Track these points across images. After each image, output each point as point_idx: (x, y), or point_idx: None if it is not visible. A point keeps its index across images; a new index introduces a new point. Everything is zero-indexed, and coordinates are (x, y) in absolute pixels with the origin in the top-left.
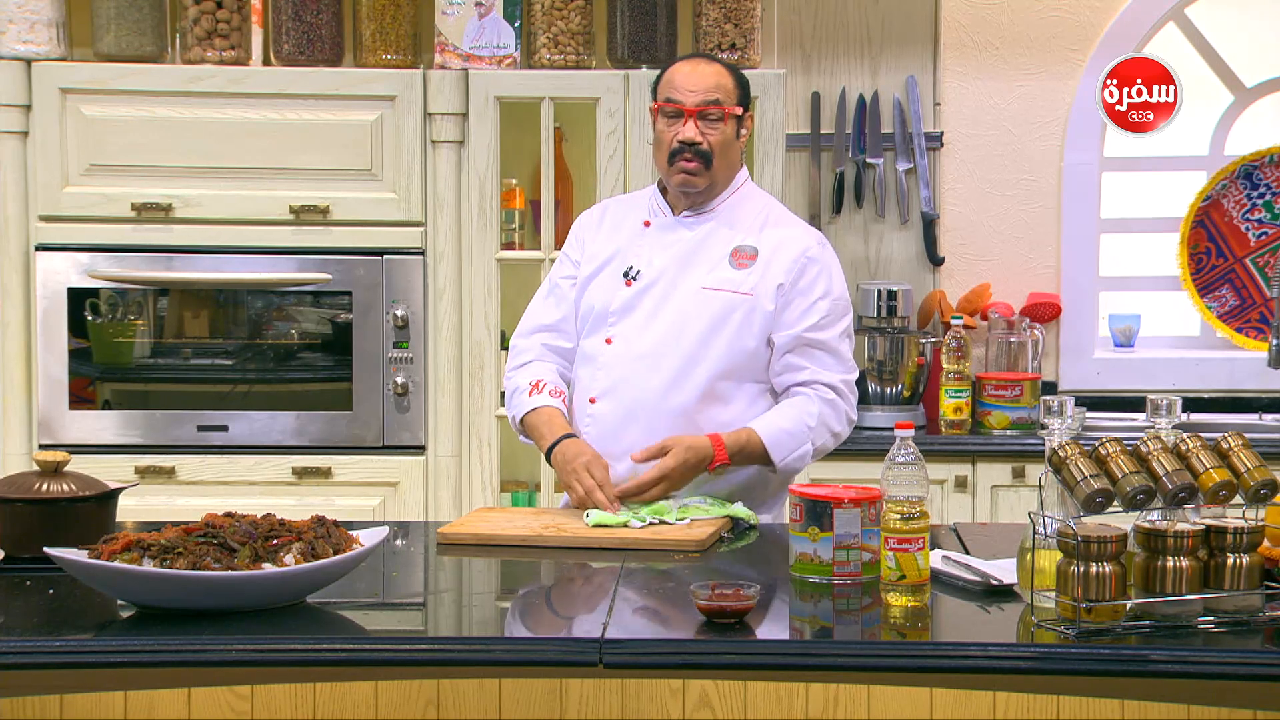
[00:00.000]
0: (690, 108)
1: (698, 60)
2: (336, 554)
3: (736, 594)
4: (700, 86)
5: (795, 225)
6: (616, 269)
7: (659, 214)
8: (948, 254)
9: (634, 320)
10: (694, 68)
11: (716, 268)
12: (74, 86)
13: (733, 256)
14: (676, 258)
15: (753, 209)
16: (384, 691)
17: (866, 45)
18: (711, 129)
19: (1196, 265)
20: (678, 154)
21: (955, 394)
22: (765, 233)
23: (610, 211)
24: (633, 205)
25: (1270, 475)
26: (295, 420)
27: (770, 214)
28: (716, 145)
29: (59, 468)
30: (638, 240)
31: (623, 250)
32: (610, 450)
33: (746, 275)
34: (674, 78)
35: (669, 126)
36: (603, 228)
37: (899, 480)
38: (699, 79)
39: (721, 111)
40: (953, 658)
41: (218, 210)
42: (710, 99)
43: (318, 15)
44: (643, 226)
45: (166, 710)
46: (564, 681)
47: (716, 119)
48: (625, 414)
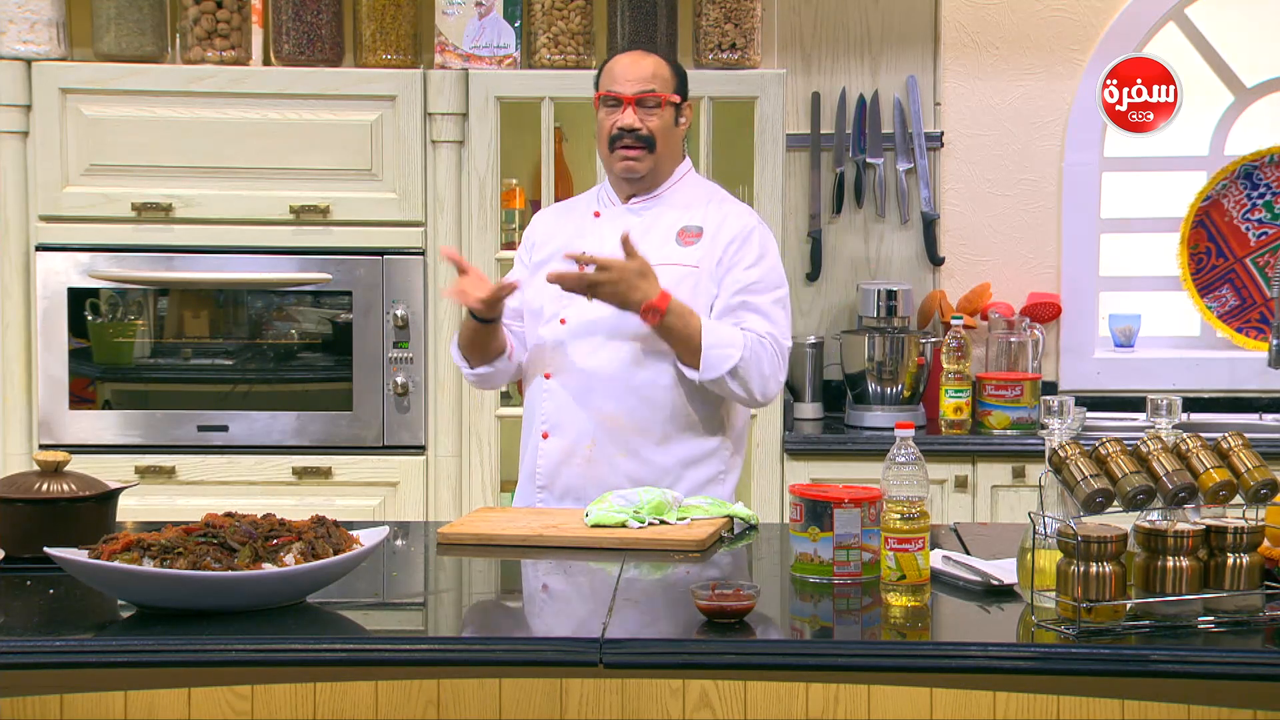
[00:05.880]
0: (629, 96)
1: (636, 52)
2: (336, 554)
3: (736, 594)
4: (637, 76)
5: (737, 205)
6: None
7: (608, 204)
8: (948, 254)
9: (585, 300)
10: (632, 59)
11: (664, 246)
12: (74, 86)
13: (679, 236)
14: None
15: (697, 194)
16: (384, 691)
17: (866, 45)
18: (650, 115)
19: (1196, 265)
20: (617, 140)
21: (955, 394)
22: (710, 212)
23: (557, 212)
24: (579, 203)
25: (1270, 475)
26: (295, 420)
27: (713, 199)
28: (657, 130)
29: (59, 468)
30: (588, 228)
31: (573, 238)
32: (567, 421)
33: (692, 251)
34: (613, 69)
35: (609, 115)
36: (549, 227)
37: (899, 480)
38: (636, 69)
39: (659, 99)
40: (953, 658)
41: (218, 210)
42: (647, 88)
43: (318, 15)
44: (593, 217)
45: (166, 710)
46: (564, 681)
47: (654, 106)
48: (580, 388)
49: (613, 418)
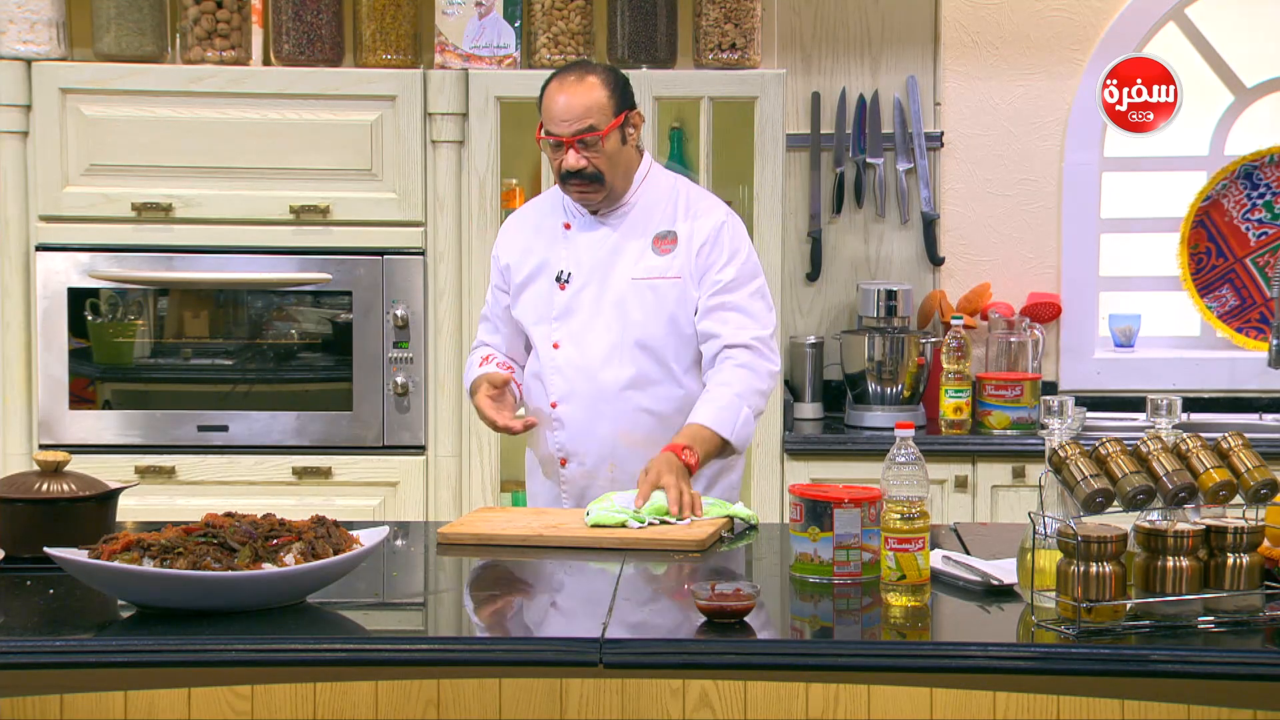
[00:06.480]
0: (568, 138)
1: (566, 81)
2: (336, 554)
3: (736, 594)
4: (572, 115)
5: (706, 201)
6: (548, 276)
7: (576, 215)
8: (948, 254)
9: (576, 321)
10: (565, 96)
11: (642, 257)
12: (74, 86)
13: (655, 244)
14: (602, 254)
15: (664, 192)
16: (384, 691)
17: (866, 45)
18: (594, 153)
19: (1196, 265)
20: (566, 180)
21: (955, 394)
22: (681, 215)
23: (522, 221)
24: (545, 210)
25: (1270, 475)
26: (295, 420)
27: (680, 194)
28: (603, 165)
29: (59, 468)
30: (561, 244)
31: (548, 256)
32: (584, 449)
33: (671, 260)
34: (548, 106)
35: (554, 153)
36: (518, 238)
37: (899, 480)
38: (570, 108)
39: (598, 136)
40: (953, 658)
41: (218, 210)
42: (583, 127)
43: (318, 15)
44: (563, 229)
45: (166, 710)
46: (564, 681)
47: (594, 144)
48: (590, 412)
49: (628, 435)
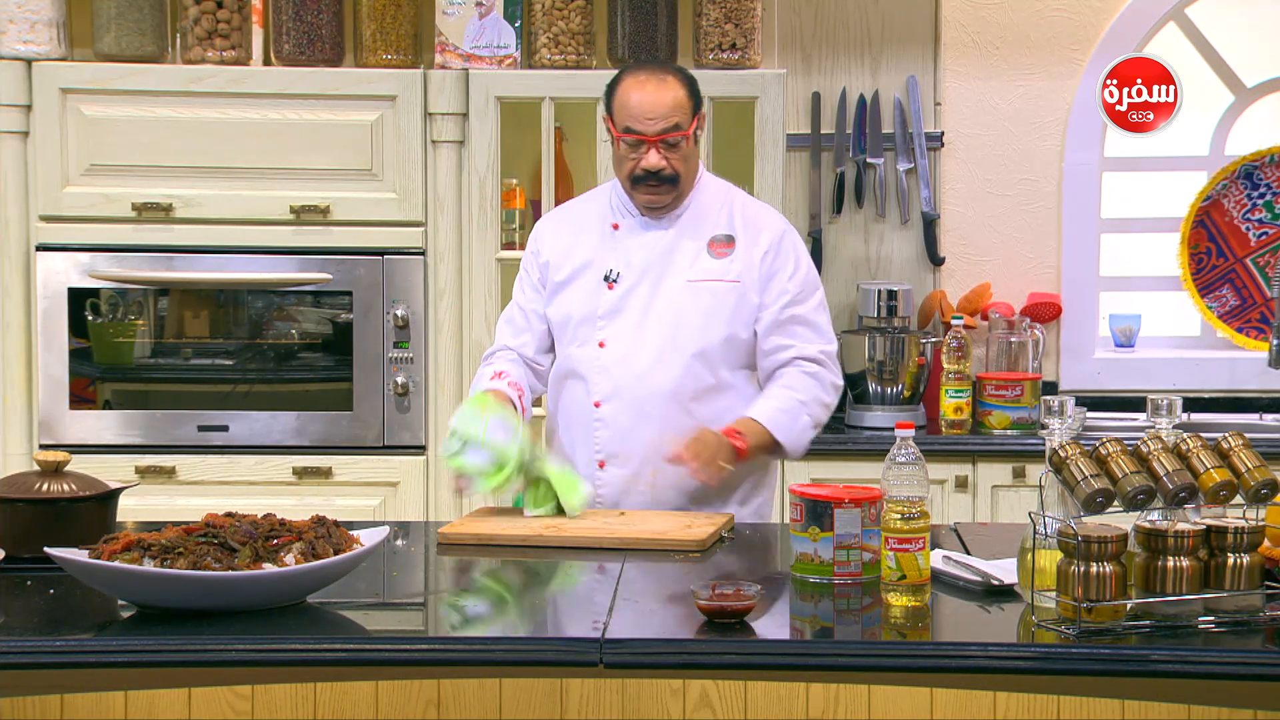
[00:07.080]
0: (652, 137)
1: (648, 79)
2: (337, 554)
3: (736, 594)
4: (659, 113)
5: (762, 209)
6: (594, 274)
7: (626, 215)
8: (948, 254)
9: (625, 321)
10: (650, 94)
11: (697, 260)
12: (74, 86)
13: (710, 247)
14: (655, 256)
15: (717, 197)
16: (384, 691)
17: (867, 45)
18: (675, 154)
19: (1197, 265)
20: (642, 180)
21: (955, 394)
22: (737, 220)
23: (564, 219)
24: (590, 209)
25: (1270, 475)
26: (295, 420)
27: (733, 200)
28: (680, 167)
29: (59, 468)
30: (609, 243)
31: (595, 255)
32: (627, 450)
33: (729, 264)
34: (629, 102)
35: (630, 152)
36: (561, 237)
37: (899, 480)
38: (656, 105)
39: (682, 135)
40: (953, 658)
41: (218, 210)
42: (671, 125)
43: (318, 15)
44: (611, 229)
45: (166, 710)
46: (564, 681)
47: (677, 143)
48: (636, 414)
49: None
